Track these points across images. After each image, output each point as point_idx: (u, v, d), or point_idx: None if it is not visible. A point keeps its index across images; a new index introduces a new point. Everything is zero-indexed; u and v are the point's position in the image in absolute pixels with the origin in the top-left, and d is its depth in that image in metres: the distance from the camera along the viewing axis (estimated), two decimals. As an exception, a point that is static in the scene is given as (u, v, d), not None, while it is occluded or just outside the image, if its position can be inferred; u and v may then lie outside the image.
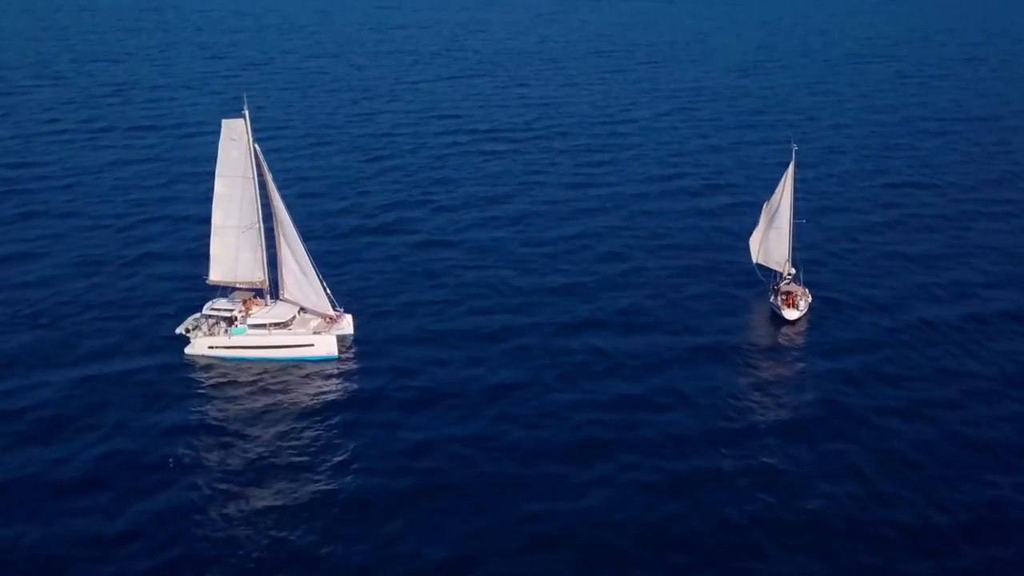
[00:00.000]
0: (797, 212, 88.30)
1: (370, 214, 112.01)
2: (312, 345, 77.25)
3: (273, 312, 79.62)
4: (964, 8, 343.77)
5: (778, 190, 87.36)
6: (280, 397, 72.29)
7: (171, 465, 63.14)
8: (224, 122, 78.78)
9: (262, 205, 78.70)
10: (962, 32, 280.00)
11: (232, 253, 79.46)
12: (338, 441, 66.42)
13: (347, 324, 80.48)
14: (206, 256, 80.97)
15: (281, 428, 68.09)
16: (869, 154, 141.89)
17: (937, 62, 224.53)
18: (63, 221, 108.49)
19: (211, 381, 74.72)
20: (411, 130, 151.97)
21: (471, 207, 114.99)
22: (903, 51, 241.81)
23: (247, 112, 77.53)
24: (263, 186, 78.08)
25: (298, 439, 66.74)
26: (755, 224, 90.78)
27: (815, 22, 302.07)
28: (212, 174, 79.65)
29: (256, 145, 77.64)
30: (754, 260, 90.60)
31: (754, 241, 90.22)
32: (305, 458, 64.51)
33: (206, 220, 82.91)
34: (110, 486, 61.35)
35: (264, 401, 71.72)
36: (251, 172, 77.96)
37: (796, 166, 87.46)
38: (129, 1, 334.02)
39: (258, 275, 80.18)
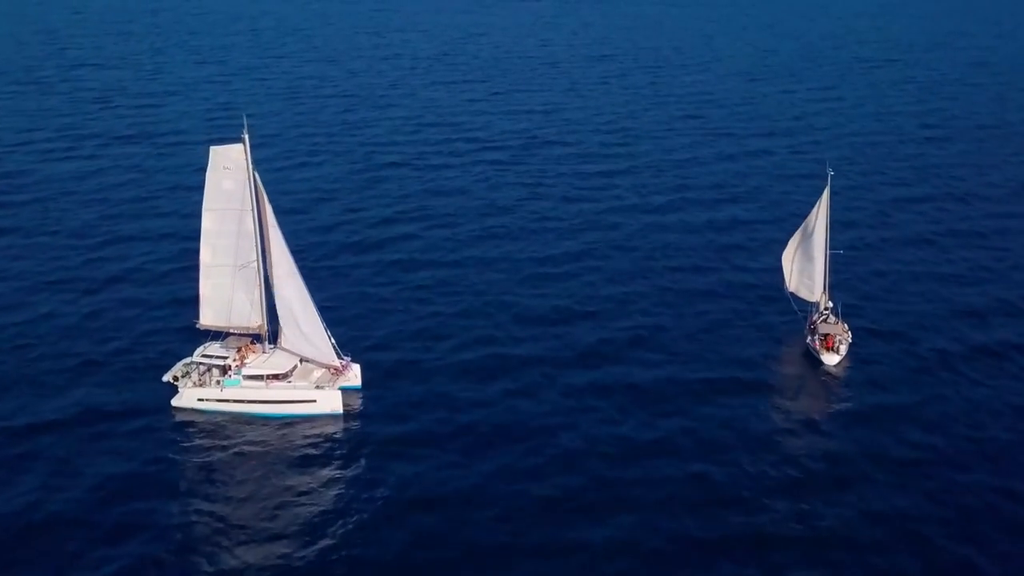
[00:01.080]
0: (834, 241, 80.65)
1: (361, 232, 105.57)
2: (314, 401, 68.85)
3: (271, 362, 70.99)
4: (970, 10, 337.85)
5: (812, 216, 79.62)
6: (266, 458, 64.22)
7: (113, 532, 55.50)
8: (213, 150, 69.39)
9: (259, 240, 70.20)
10: (970, 36, 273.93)
11: (226, 294, 71.01)
12: (323, 511, 58.91)
13: (354, 375, 71.78)
14: (194, 279, 72.49)
15: (260, 493, 60.46)
16: (886, 165, 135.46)
17: (947, 67, 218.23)
18: (27, 239, 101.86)
19: (189, 436, 66.64)
20: (406, 139, 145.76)
21: (469, 223, 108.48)
22: (910, 56, 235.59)
23: (247, 136, 68.50)
24: (261, 219, 69.43)
25: (277, 508, 59.22)
26: (784, 244, 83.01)
27: (820, 25, 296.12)
28: (196, 188, 71.90)
29: (256, 173, 69.13)
30: (787, 287, 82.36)
31: (787, 264, 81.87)
32: (280, 531, 57.10)
33: (188, 238, 75.88)
34: (41, 557, 54.08)
35: (246, 462, 63.76)
36: (250, 203, 69.03)
37: (831, 191, 79.41)
38: (124, 4, 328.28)
39: (255, 319, 71.59)
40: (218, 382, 69.82)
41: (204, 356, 71.28)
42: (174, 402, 69.49)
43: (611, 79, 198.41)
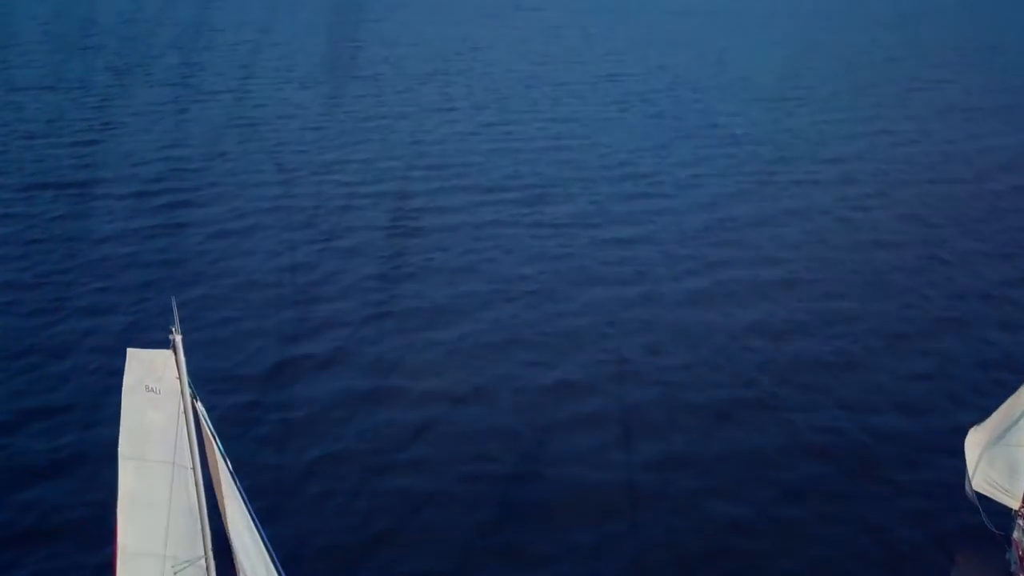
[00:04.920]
0: None
1: (300, 338, 79.63)
2: None
3: None
4: (990, 16, 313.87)
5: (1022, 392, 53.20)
6: None
7: None
8: (132, 354, 35.69)
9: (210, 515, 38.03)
10: (1017, 50, 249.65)
11: None
12: None
13: None
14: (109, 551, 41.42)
15: None
16: (983, 231, 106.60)
17: (1007, 90, 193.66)
18: None
19: None
20: (379, 188, 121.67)
21: (440, 323, 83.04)
22: (951, 74, 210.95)
23: (178, 337, 36.10)
24: (209, 479, 37.64)
25: None
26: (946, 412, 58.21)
27: (844, 36, 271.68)
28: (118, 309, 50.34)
29: (199, 403, 37.44)
30: (972, 488, 55.26)
31: (972, 451, 54.56)
32: None
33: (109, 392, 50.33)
34: None
35: None
36: (190, 457, 38.25)
37: None
38: (97, 15, 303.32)
39: None
40: None
41: None
42: None
43: (624, 104, 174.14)
